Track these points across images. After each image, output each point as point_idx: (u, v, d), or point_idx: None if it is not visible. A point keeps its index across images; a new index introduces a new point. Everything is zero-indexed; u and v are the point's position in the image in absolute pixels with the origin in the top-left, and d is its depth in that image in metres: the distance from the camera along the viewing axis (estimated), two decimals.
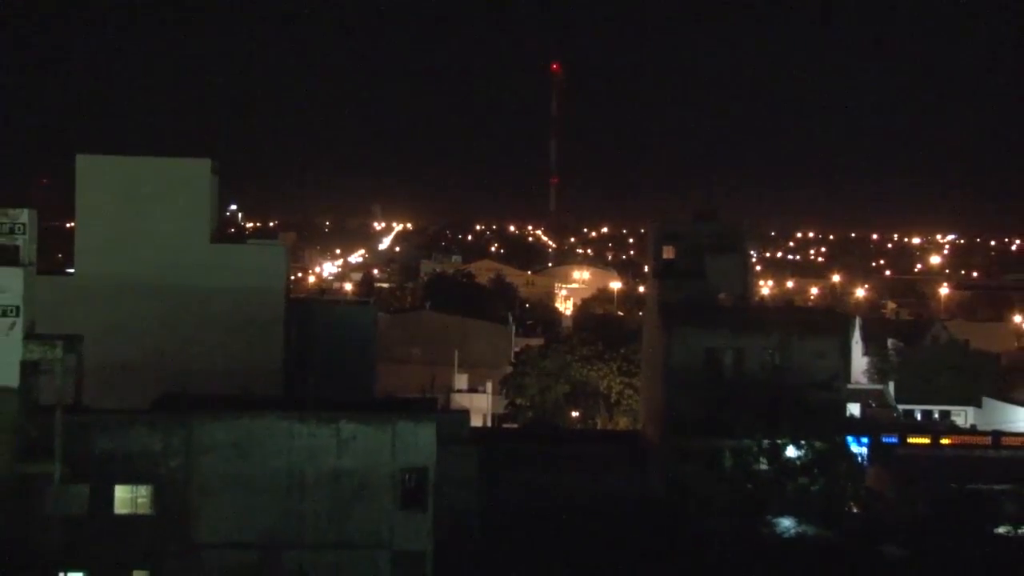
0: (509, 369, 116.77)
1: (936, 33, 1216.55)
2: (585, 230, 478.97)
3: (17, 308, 48.13)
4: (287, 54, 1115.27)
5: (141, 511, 50.31)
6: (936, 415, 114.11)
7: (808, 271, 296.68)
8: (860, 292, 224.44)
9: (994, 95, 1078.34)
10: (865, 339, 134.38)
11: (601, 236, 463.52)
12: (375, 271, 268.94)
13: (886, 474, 78.25)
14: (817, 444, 70.37)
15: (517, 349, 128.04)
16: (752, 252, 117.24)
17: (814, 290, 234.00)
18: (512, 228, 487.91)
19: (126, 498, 50.32)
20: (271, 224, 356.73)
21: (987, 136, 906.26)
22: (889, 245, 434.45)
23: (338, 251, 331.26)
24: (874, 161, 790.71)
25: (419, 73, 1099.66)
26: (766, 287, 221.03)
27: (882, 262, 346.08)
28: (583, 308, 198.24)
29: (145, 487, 50.17)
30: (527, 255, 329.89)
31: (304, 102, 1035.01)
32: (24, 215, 50.26)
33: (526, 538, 60.53)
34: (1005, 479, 73.82)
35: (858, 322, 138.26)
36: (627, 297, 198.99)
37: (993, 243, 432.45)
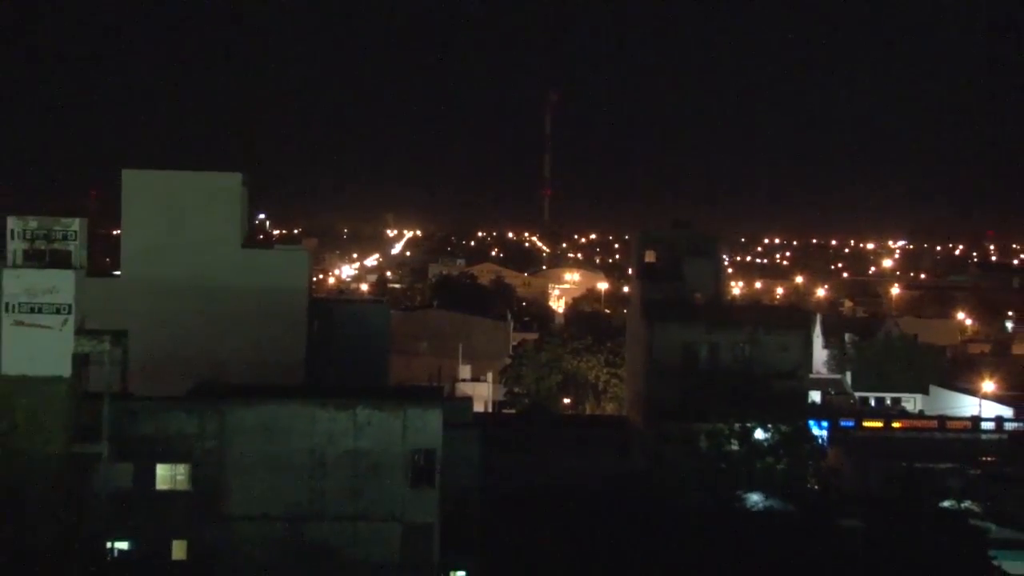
0: (508, 361, 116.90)
1: (890, 52, 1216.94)
2: (575, 236, 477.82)
3: (69, 306, 48.12)
4: (310, 81, 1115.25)
5: (179, 487, 50.30)
6: (888, 402, 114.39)
7: (774, 273, 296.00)
8: (821, 292, 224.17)
9: (946, 114, 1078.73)
10: (825, 334, 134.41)
11: (590, 242, 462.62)
12: (388, 273, 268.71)
13: (844, 454, 78.41)
14: (782, 427, 70.46)
15: (515, 343, 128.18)
16: (724, 256, 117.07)
17: (779, 290, 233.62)
18: (510, 234, 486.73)
19: (166, 476, 50.33)
20: (295, 231, 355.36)
21: (934, 153, 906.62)
22: (847, 250, 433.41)
23: (355, 255, 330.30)
24: (834, 174, 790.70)
25: (428, 96, 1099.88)
26: (737, 287, 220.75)
27: (840, 265, 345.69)
28: (574, 306, 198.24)
29: (183, 466, 50.17)
30: (524, 259, 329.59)
31: (325, 122, 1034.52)
32: (76, 223, 50.24)
33: (523, 512, 60.55)
34: (949, 459, 74.08)
35: (819, 319, 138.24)
36: (613, 296, 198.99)
37: (939, 248, 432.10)
